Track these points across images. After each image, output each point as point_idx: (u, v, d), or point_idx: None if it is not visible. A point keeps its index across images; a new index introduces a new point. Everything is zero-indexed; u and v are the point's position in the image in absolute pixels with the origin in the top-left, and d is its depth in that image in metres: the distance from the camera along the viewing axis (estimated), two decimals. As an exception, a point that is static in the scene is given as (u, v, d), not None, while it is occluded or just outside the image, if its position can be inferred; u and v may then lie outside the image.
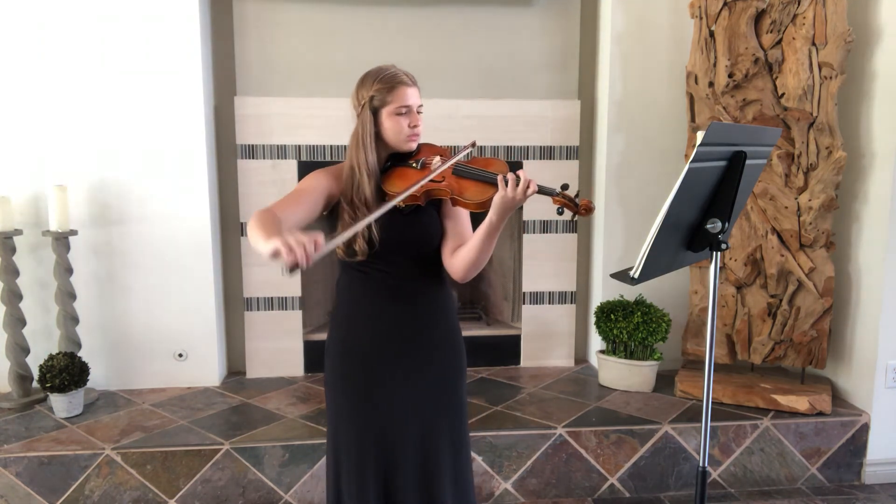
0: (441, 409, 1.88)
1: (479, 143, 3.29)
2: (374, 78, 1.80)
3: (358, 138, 1.80)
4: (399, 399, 1.84)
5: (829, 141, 2.91)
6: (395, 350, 1.85)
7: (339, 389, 1.88)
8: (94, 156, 3.06)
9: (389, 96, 1.78)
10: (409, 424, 1.84)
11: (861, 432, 2.94)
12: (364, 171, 1.78)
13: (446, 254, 1.86)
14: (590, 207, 1.71)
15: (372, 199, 1.77)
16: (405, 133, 1.80)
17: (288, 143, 3.25)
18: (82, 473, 2.56)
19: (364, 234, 1.74)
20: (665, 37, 3.28)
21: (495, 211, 1.68)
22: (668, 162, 3.30)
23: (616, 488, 2.82)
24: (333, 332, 1.93)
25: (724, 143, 1.60)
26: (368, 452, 1.83)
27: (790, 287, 3.05)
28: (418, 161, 1.82)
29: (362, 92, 1.80)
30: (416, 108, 1.81)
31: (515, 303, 3.63)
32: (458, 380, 1.93)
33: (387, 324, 1.85)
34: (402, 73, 1.81)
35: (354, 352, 1.87)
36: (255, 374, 3.39)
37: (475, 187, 1.74)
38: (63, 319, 3.00)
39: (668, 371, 3.37)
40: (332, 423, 1.90)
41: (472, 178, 1.76)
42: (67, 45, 2.98)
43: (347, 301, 1.90)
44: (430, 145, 1.89)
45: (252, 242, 1.52)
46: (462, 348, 1.95)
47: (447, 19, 3.36)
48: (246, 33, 3.26)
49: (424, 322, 1.88)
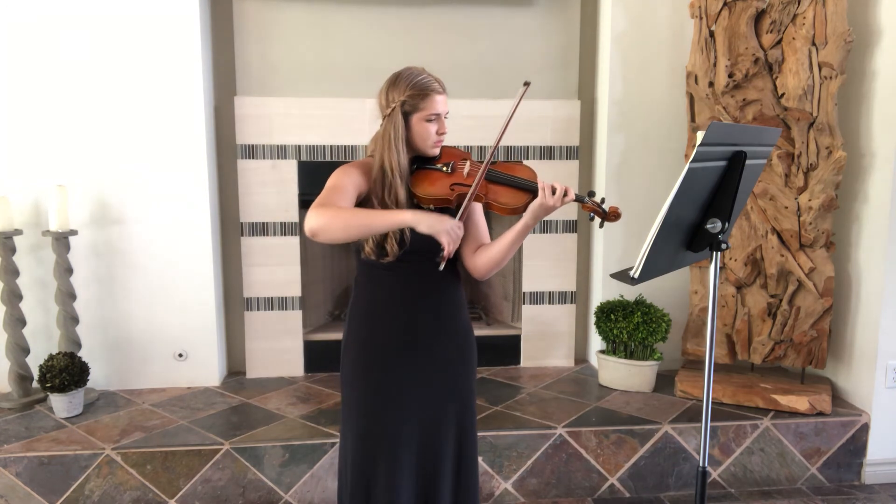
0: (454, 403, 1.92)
1: (479, 143, 3.30)
2: (406, 82, 1.81)
3: (389, 140, 1.82)
4: (417, 395, 1.88)
5: (829, 141, 2.91)
6: (415, 347, 1.88)
7: (358, 385, 1.90)
8: (94, 156, 3.06)
9: (422, 103, 1.81)
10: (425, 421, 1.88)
11: (861, 432, 2.94)
12: (397, 173, 1.81)
13: (467, 253, 1.93)
14: (618, 213, 1.85)
15: (404, 201, 1.81)
16: (433, 139, 1.85)
17: (288, 143, 3.25)
18: (82, 473, 2.56)
19: (395, 235, 1.78)
20: (665, 37, 3.28)
21: (532, 216, 1.79)
22: (668, 162, 3.30)
23: (616, 488, 2.82)
24: (353, 328, 1.94)
25: (724, 143, 1.60)
26: (384, 448, 1.86)
27: (790, 287, 3.05)
28: (448, 164, 1.87)
29: (393, 94, 1.82)
30: (444, 114, 1.85)
31: (515, 303, 3.63)
32: (472, 374, 1.99)
33: (408, 322, 1.88)
34: (435, 81, 1.85)
35: (375, 348, 1.89)
36: (255, 374, 3.39)
37: (509, 193, 1.84)
38: (63, 319, 3.00)
39: (668, 371, 3.37)
40: (349, 418, 1.92)
41: (505, 184, 1.84)
42: (67, 44, 2.98)
43: (369, 299, 1.91)
44: (449, 148, 1.93)
45: (360, 228, 1.67)
46: (475, 344, 2.00)
47: (447, 19, 3.36)
48: (246, 33, 3.26)
49: (444, 320, 1.92)
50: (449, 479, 1.92)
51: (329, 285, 3.72)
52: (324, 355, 3.43)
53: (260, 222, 3.29)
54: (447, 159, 1.89)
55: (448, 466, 1.92)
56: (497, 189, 1.85)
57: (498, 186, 1.85)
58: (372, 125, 1.86)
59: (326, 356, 3.42)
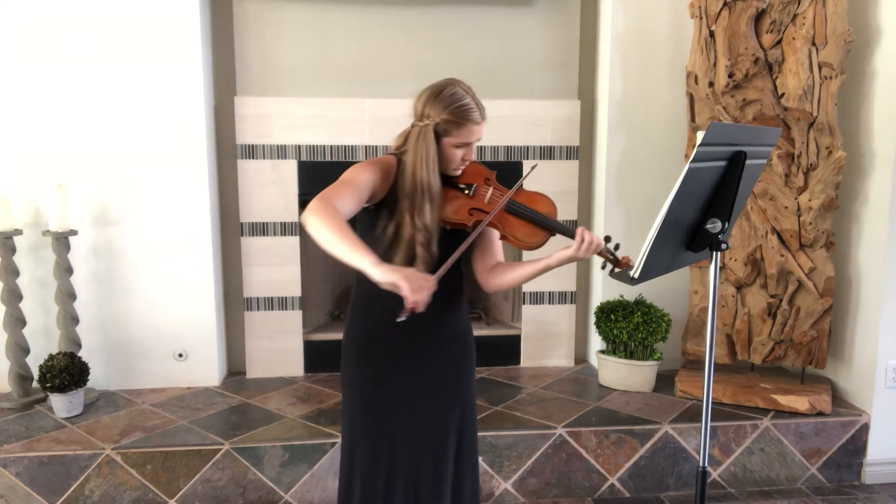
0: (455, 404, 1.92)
1: (478, 143, 3.29)
2: (447, 104, 1.75)
3: (422, 158, 1.75)
4: (418, 396, 1.87)
5: (829, 141, 2.91)
6: (416, 348, 1.87)
7: (360, 385, 1.89)
8: (94, 156, 3.06)
9: (456, 130, 1.76)
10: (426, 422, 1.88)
11: (861, 432, 2.94)
12: (426, 194, 1.75)
13: (480, 269, 1.94)
14: (629, 264, 1.81)
15: (431, 223, 1.76)
16: (456, 164, 1.82)
17: (288, 143, 3.25)
18: (82, 473, 2.56)
19: (425, 258, 1.75)
20: (665, 37, 3.28)
21: (558, 262, 1.80)
22: (668, 162, 3.30)
23: (616, 488, 2.82)
24: (354, 329, 1.92)
25: (724, 143, 1.60)
26: (384, 447, 1.86)
27: (790, 287, 3.05)
28: (470, 187, 1.84)
29: (430, 110, 1.76)
30: (476, 142, 1.81)
31: (515, 303, 3.63)
32: (472, 375, 2.00)
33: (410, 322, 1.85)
34: (476, 109, 1.78)
35: (377, 350, 1.88)
36: (255, 374, 3.39)
37: (527, 229, 1.82)
38: (63, 319, 3.00)
39: (668, 371, 3.37)
40: (349, 418, 1.91)
41: (525, 219, 1.82)
42: (67, 44, 2.98)
43: (370, 299, 1.86)
44: (474, 163, 1.89)
45: (331, 246, 1.55)
46: (474, 346, 2.00)
47: (447, 19, 3.35)
48: (246, 33, 3.26)
49: (448, 320, 1.91)
50: (449, 480, 1.92)
51: (329, 285, 3.72)
52: (324, 355, 3.43)
53: (260, 222, 3.29)
54: (470, 179, 1.85)
55: (449, 467, 1.92)
56: (515, 223, 1.82)
57: (517, 220, 1.82)
58: (372, 125, 1.87)
59: (326, 356, 3.42)
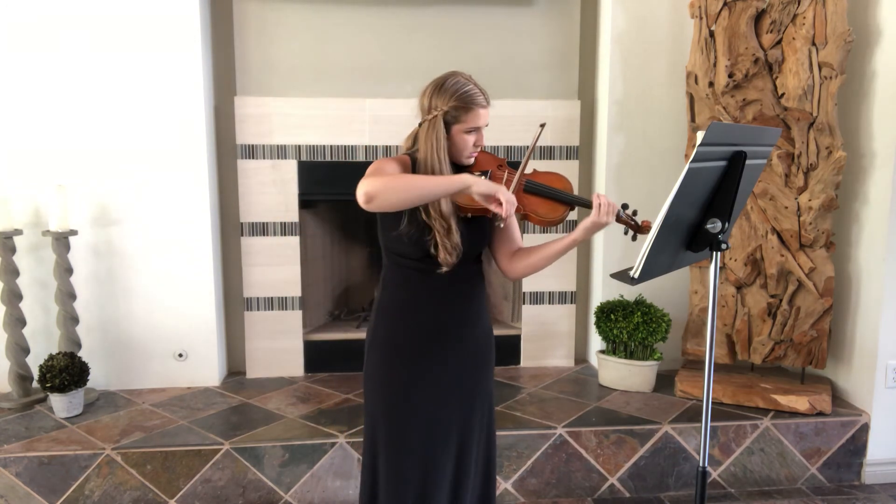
0: (477, 402, 1.94)
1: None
2: (452, 93, 1.79)
3: (432, 149, 1.79)
4: (442, 393, 1.87)
5: (829, 141, 2.91)
6: (443, 346, 1.88)
7: (384, 383, 1.89)
8: (94, 155, 3.06)
9: (465, 116, 1.80)
10: (450, 419, 1.88)
11: (861, 432, 2.94)
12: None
13: (502, 257, 1.96)
14: (649, 227, 1.86)
15: (448, 211, 1.78)
16: (469, 150, 1.85)
17: (288, 143, 3.25)
18: (82, 473, 2.56)
19: (447, 246, 1.77)
20: (665, 37, 3.28)
21: (584, 232, 1.81)
22: (668, 162, 3.30)
23: (616, 488, 2.82)
24: (380, 325, 1.92)
25: (724, 143, 1.60)
26: (408, 446, 1.85)
27: (790, 287, 3.05)
28: (485, 173, 1.86)
29: (437, 101, 1.80)
30: (484, 126, 1.84)
31: (515, 303, 3.63)
32: (492, 376, 2.03)
33: (438, 321, 1.88)
34: (480, 93, 1.82)
35: (403, 346, 1.88)
36: (255, 374, 3.39)
37: (547, 205, 1.87)
38: (63, 319, 3.00)
39: (668, 371, 3.37)
40: (372, 417, 1.91)
41: (543, 196, 1.86)
42: (67, 43, 2.98)
43: (399, 298, 1.89)
44: (484, 153, 1.92)
45: (417, 192, 1.62)
46: (494, 343, 2.03)
47: (447, 19, 3.35)
48: (246, 33, 3.26)
49: (472, 320, 1.93)
50: (478, 479, 1.94)
51: (329, 285, 3.72)
52: (324, 355, 3.43)
53: (260, 222, 3.29)
54: (483, 166, 1.88)
55: (475, 468, 1.93)
56: (535, 200, 1.86)
57: (536, 198, 1.86)
58: (372, 125, 1.87)
59: (326, 356, 3.42)
